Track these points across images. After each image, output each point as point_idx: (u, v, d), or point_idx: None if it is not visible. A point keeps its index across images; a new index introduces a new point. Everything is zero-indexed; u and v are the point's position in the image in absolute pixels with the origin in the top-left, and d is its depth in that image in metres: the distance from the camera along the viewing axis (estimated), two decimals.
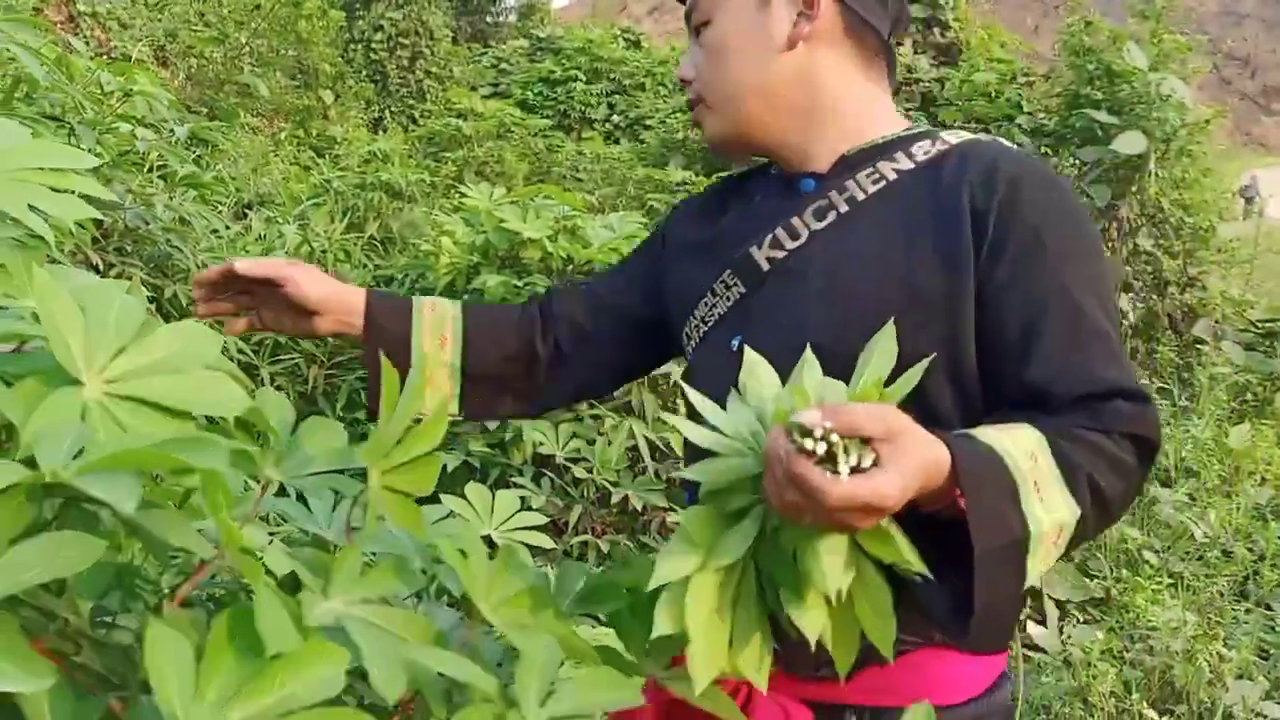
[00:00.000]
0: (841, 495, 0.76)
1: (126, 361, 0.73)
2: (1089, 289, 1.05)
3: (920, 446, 0.82)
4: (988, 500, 0.88)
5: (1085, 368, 1.01)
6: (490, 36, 20.08)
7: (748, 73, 1.17)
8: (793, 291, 1.14)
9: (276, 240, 3.77)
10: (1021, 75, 7.12)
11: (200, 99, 6.68)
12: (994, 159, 1.09)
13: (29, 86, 2.30)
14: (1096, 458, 0.96)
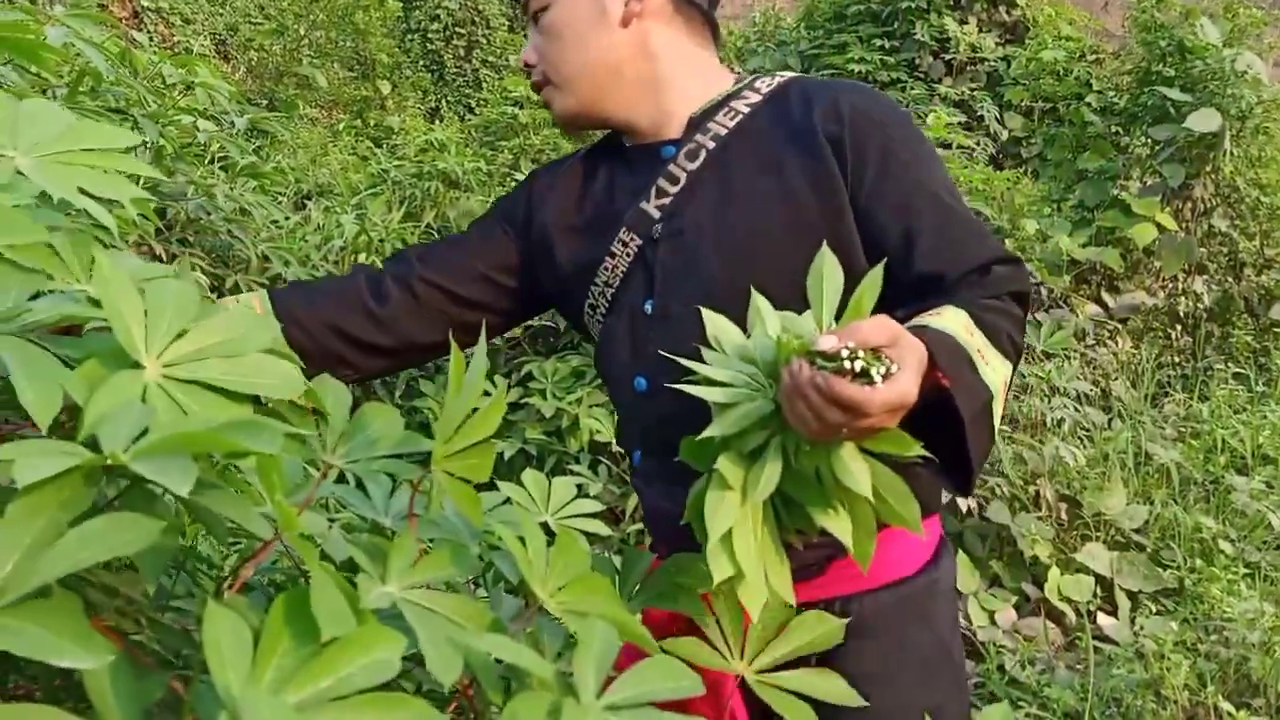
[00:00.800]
0: (884, 401, 0.86)
1: (184, 345, 0.74)
2: (939, 182, 1.21)
3: (915, 346, 0.94)
4: (964, 376, 1.02)
5: (963, 248, 1.16)
6: None
7: (588, 51, 1.26)
8: (688, 243, 1.24)
9: (335, 230, 3.80)
10: (1090, 52, 6.94)
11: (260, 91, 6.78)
12: (833, 91, 1.23)
13: (93, 80, 2.33)
14: (1005, 319, 1.11)
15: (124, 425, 0.63)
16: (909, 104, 7.96)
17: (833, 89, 1.24)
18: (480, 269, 1.38)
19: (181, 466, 0.58)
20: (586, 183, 1.39)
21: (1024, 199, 5.17)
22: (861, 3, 8.83)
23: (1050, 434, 3.77)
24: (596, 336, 1.38)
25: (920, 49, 8.23)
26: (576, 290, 1.36)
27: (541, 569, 0.87)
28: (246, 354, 0.77)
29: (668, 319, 1.25)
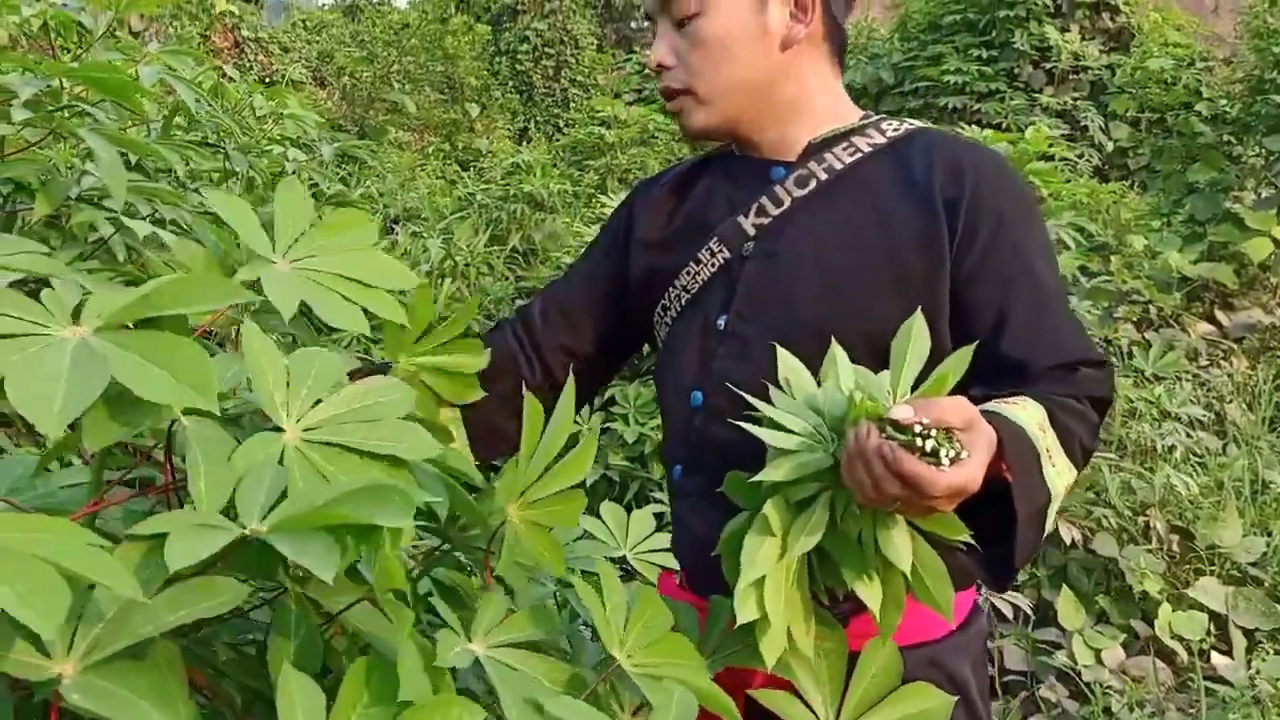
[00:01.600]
0: (948, 485, 0.87)
1: (323, 411, 0.76)
2: (1044, 270, 1.18)
3: (988, 434, 0.94)
4: (1027, 474, 1.01)
5: (1054, 341, 1.14)
6: (635, 42, 20.23)
7: (741, 68, 1.21)
8: (779, 269, 1.22)
9: (421, 255, 3.83)
10: (1200, 60, 6.66)
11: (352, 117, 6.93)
12: (956, 150, 1.21)
13: (185, 115, 2.37)
14: (1081, 423, 1.10)
15: (260, 490, 0.66)
16: (1009, 114, 7.75)
17: (959, 148, 1.22)
18: (602, 328, 1.39)
19: (324, 547, 0.59)
20: (684, 191, 1.38)
21: (1131, 213, 4.97)
22: (957, 12, 8.65)
23: (1161, 461, 3.60)
24: (661, 340, 1.37)
25: (1020, 58, 8.02)
26: (654, 291, 1.34)
27: (619, 627, 0.86)
28: (384, 420, 0.78)
29: (739, 339, 1.24)
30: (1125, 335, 4.16)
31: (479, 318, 3.66)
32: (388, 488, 0.63)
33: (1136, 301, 4.48)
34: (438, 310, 0.91)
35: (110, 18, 2.08)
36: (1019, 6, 8.09)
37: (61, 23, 1.97)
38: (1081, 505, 3.32)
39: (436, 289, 3.60)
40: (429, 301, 0.94)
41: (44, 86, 1.39)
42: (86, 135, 1.22)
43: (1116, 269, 4.38)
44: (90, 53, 2.04)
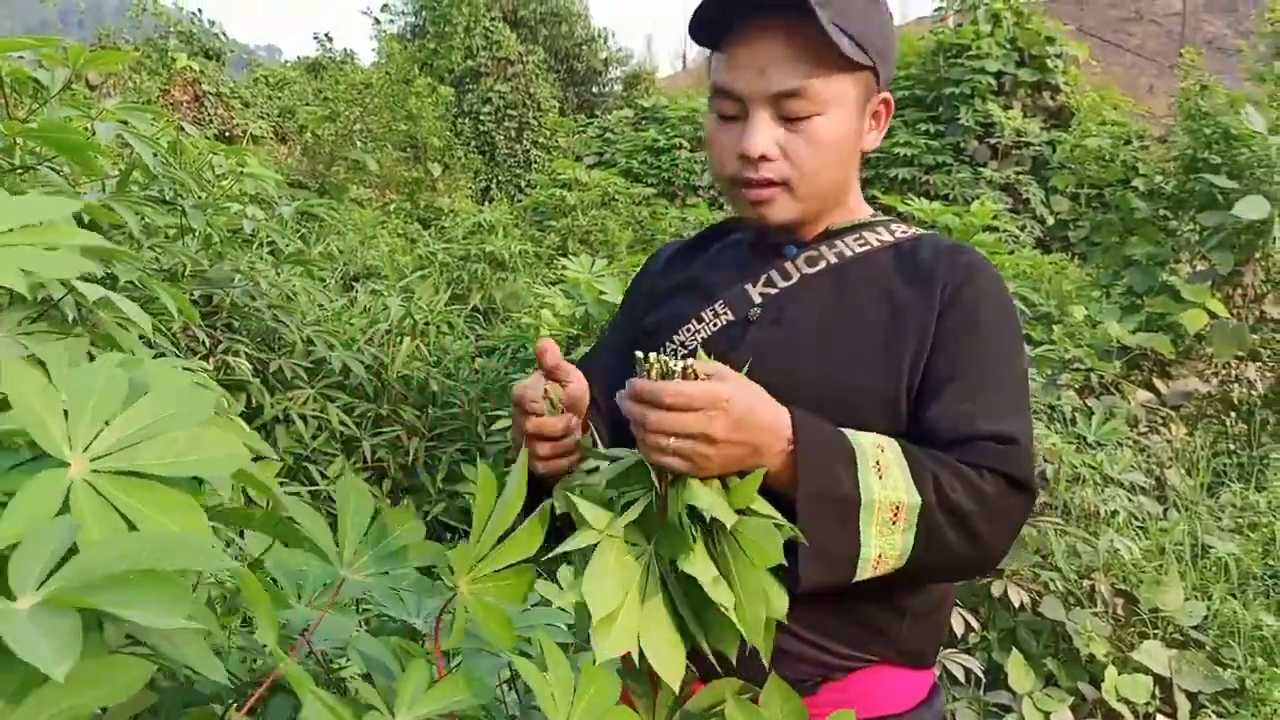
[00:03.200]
0: (674, 389, 0.93)
1: (113, 434, 0.69)
2: (1000, 362, 1.20)
3: (758, 390, 1.01)
4: (819, 454, 1.03)
5: (968, 416, 1.14)
6: (596, 106, 20.51)
7: (841, 171, 1.26)
8: (783, 334, 1.25)
9: (381, 313, 3.84)
10: (1136, 138, 6.92)
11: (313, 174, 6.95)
12: (962, 251, 1.27)
13: (143, 171, 2.38)
14: (946, 470, 1.07)
15: (40, 556, 0.57)
16: (955, 186, 7.96)
17: (965, 251, 1.27)
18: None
19: (69, 631, 0.52)
20: (696, 252, 1.44)
21: (1072, 284, 5.11)
22: (906, 88, 8.90)
23: (1105, 525, 3.65)
24: None
25: (965, 133, 8.26)
26: (653, 343, 1.33)
27: (565, 705, 0.84)
28: (180, 430, 0.71)
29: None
30: (1068, 401, 4.25)
31: (438, 376, 3.66)
32: (179, 540, 0.59)
33: (1078, 369, 4.58)
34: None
35: (67, 74, 2.10)
36: (964, 84, 8.36)
37: (17, 79, 1.99)
38: (1029, 569, 3.36)
39: (395, 349, 3.61)
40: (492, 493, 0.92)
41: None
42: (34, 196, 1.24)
43: (1059, 338, 4.49)
44: (46, 109, 2.05)
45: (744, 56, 1.19)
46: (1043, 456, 3.78)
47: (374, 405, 3.49)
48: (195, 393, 0.75)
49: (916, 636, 1.24)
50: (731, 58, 1.20)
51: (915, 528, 1.05)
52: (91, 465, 0.66)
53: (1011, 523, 1.13)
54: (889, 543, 1.05)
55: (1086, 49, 9.30)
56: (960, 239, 4.28)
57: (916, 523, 1.05)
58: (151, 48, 9.29)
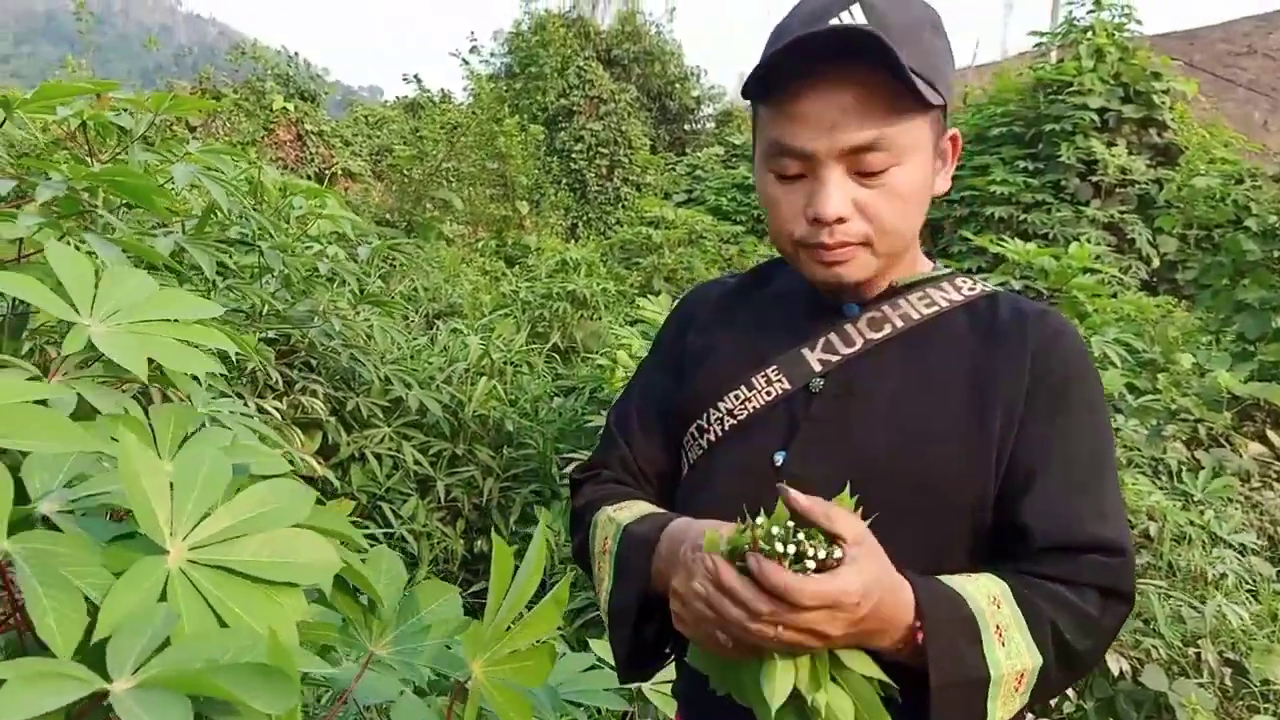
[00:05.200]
0: (813, 590, 0.83)
1: (213, 524, 0.70)
2: (1097, 451, 1.10)
3: (885, 565, 0.90)
4: (947, 636, 0.93)
5: (1067, 520, 1.04)
6: (688, 144, 20.59)
7: (917, 220, 1.13)
8: (853, 410, 1.14)
9: (460, 352, 3.84)
10: (1248, 176, 6.60)
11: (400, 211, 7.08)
12: (1055, 324, 1.15)
13: (222, 214, 2.40)
14: (1060, 609, 1.00)
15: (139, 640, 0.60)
16: (1055, 225, 7.70)
17: (1050, 315, 1.17)
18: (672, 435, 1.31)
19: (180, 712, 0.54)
20: (741, 304, 1.30)
21: (1179, 329, 4.86)
22: (1004, 125, 8.69)
23: (1212, 589, 3.44)
24: (690, 462, 1.26)
25: (1066, 171, 8.00)
26: (693, 408, 1.24)
27: None
28: (279, 529, 0.73)
29: (804, 480, 1.11)
30: (1174, 455, 4.03)
31: (513, 415, 3.64)
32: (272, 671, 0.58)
33: (1186, 420, 4.34)
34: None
35: (149, 119, 2.13)
36: (1065, 121, 8.11)
37: (100, 124, 2.02)
38: (1130, 635, 3.17)
39: (473, 387, 3.60)
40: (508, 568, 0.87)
41: (63, 190, 1.41)
42: (93, 240, 1.23)
43: (1165, 386, 4.27)
44: (128, 153, 2.08)
45: (809, 110, 1.05)
46: (1146, 514, 3.58)
47: (450, 444, 3.47)
48: (296, 490, 0.76)
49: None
50: (793, 111, 1.06)
51: (1035, 684, 1.00)
52: (189, 555, 0.67)
53: (1112, 637, 1.08)
54: (1009, 709, 0.99)
55: (1196, 85, 8.97)
56: (1057, 282, 4.11)
57: (1037, 681, 1.00)
58: (250, 90, 9.61)
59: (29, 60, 32.93)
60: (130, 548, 0.69)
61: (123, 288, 0.89)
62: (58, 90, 1.31)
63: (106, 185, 1.62)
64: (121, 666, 0.57)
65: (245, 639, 0.64)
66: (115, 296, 0.88)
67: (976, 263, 6.60)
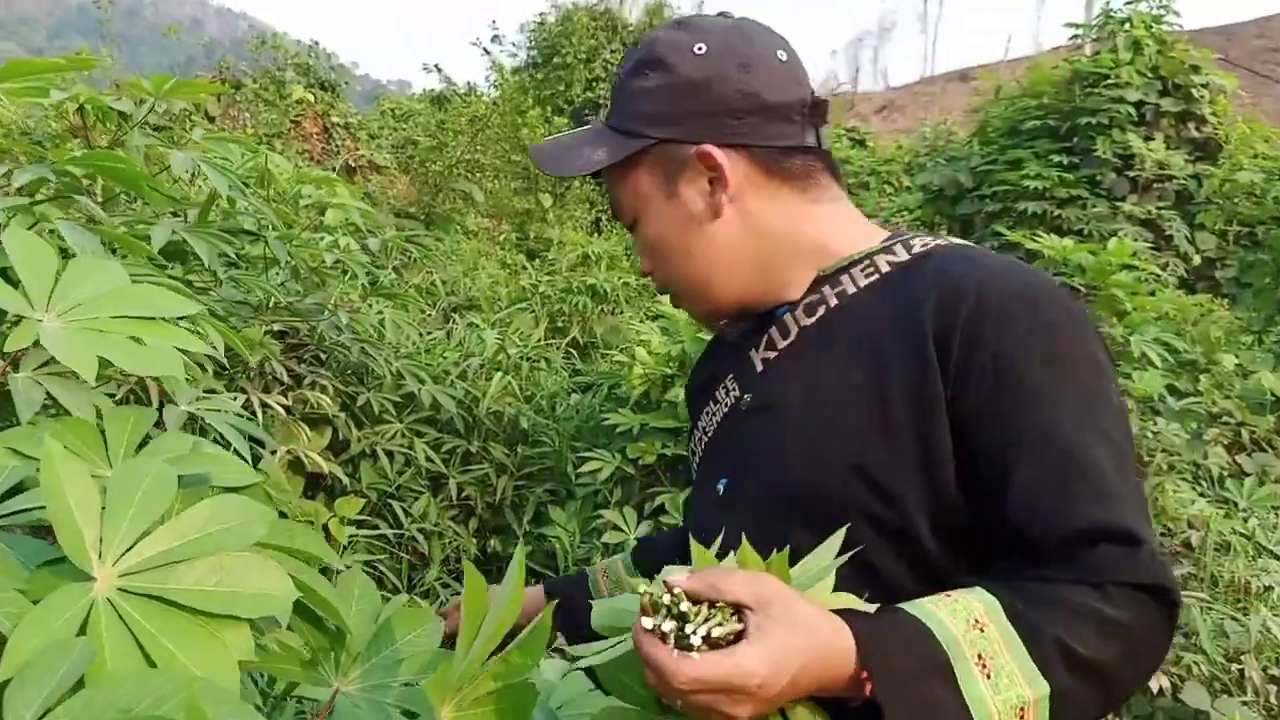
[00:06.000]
0: (691, 675, 0.71)
1: (150, 547, 0.61)
2: (1085, 417, 0.92)
3: (802, 622, 0.75)
4: (902, 682, 0.78)
5: (1064, 509, 0.89)
6: None
7: (694, 258, 1.12)
8: (770, 424, 1.08)
9: (475, 346, 3.75)
10: None
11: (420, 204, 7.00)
12: (961, 273, 1.00)
13: (229, 203, 2.32)
14: (1071, 619, 0.83)
15: (47, 682, 0.51)
16: (1090, 221, 7.52)
17: (965, 270, 1.01)
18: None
19: None
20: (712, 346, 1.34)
21: (1221, 329, 4.70)
22: (1038, 118, 8.51)
23: (1257, 602, 3.30)
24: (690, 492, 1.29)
25: (1102, 165, 7.81)
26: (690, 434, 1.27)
27: None
28: (229, 553, 0.64)
29: (737, 508, 1.07)
30: (1216, 460, 3.88)
31: (529, 412, 3.54)
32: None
33: (1228, 424, 4.19)
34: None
35: (150, 104, 2.04)
36: (1101, 114, 7.92)
37: (99, 109, 1.93)
38: (1172, 650, 3.04)
39: (486, 383, 3.51)
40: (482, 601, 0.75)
41: (45, 174, 1.32)
42: (66, 228, 1.14)
43: (1206, 389, 4.12)
44: (128, 139, 2.00)
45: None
46: (1187, 522, 3.43)
47: (463, 441, 3.38)
48: (251, 507, 0.67)
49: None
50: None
51: (1049, 714, 0.83)
52: (119, 582, 0.59)
53: (1160, 646, 0.89)
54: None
55: (1236, 79, 8.75)
56: (1095, 279, 3.96)
57: (1049, 710, 0.82)
58: (269, 79, 9.56)
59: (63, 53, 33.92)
60: (60, 573, 0.61)
61: (89, 280, 0.80)
62: (23, 69, 1.22)
63: (91, 170, 1.53)
64: (21, 714, 0.50)
65: (169, 683, 0.54)
66: (78, 290, 0.79)
67: None
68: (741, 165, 1.10)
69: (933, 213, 9.14)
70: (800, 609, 0.76)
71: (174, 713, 0.50)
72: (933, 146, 13.27)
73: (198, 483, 0.72)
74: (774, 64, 1.10)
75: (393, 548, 3.10)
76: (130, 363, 0.73)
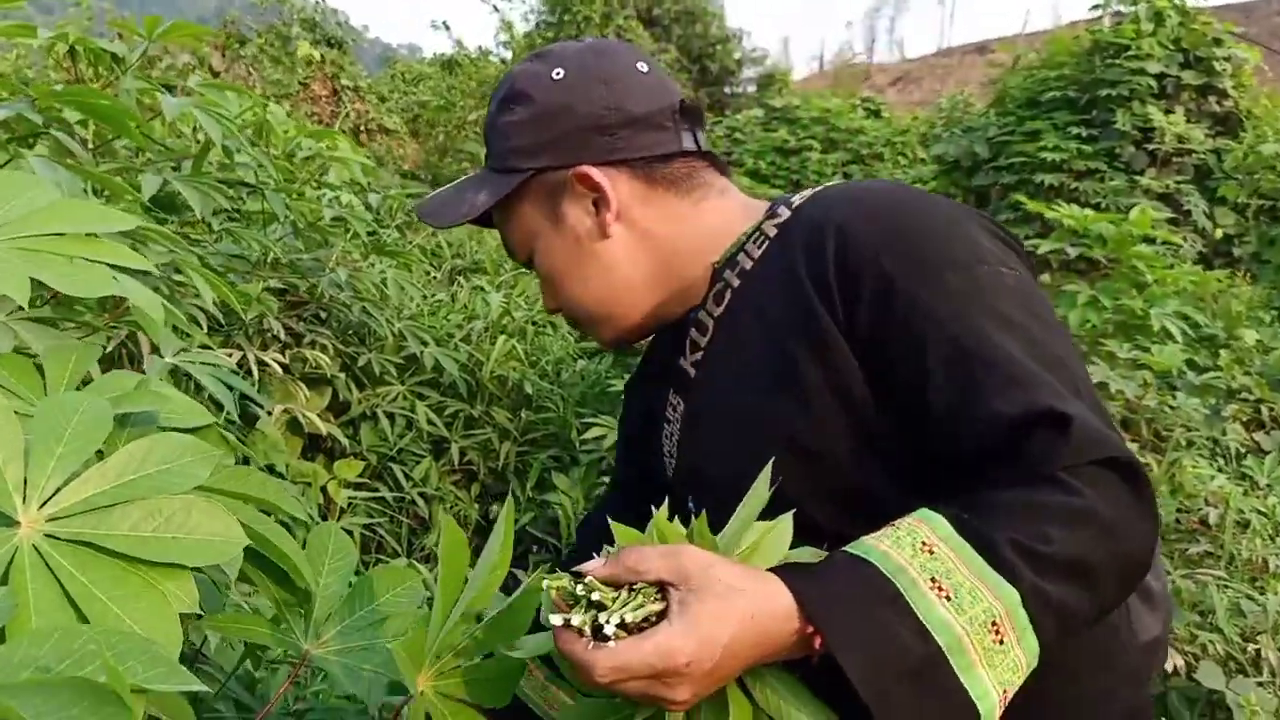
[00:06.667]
0: (611, 665, 0.67)
1: (81, 490, 0.55)
2: (967, 314, 0.87)
3: (725, 590, 0.72)
4: (853, 627, 0.73)
5: (978, 409, 0.83)
6: (728, 107, 20.26)
7: (589, 283, 1.12)
8: (710, 424, 1.06)
9: (480, 309, 3.68)
10: None
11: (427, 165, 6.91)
12: (821, 214, 0.98)
13: (224, 154, 2.25)
14: (1025, 518, 0.77)
15: None
16: (1108, 195, 7.40)
17: (825, 210, 0.99)
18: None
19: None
20: (656, 341, 1.28)
21: (1242, 304, 4.61)
22: (1057, 89, 8.37)
23: (1274, 581, 3.23)
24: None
25: (1121, 138, 7.68)
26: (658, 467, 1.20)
27: None
28: (171, 496, 0.57)
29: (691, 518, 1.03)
30: (1235, 436, 3.80)
31: (533, 377, 3.48)
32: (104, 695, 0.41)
33: (1246, 400, 4.11)
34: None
35: (143, 47, 1.96)
36: (1122, 86, 7.78)
37: (91, 52, 1.86)
38: (1186, 629, 2.98)
39: (490, 346, 3.44)
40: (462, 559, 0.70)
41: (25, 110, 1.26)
42: (37, 164, 1.06)
43: (1226, 364, 4.03)
44: (120, 83, 1.92)
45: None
46: (1205, 499, 3.36)
47: (466, 405, 3.32)
48: (195, 446, 0.60)
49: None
50: None
51: (1030, 623, 0.76)
52: (46, 528, 0.54)
53: (1137, 519, 0.81)
54: (1008, 666, 0.76)
55: (1259, 52, 8.58)
56: (1115, 250, 3.87)
57: (1029, 617, 0.76)
58: (275, 35, 9.43)
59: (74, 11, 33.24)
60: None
61: (18, 198, 0.73)
62: None
63: (73, 106, 1.46)
64: None
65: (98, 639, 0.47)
66: (6, 207, 0.72)
67: (1026, 231, 6.33)
68: (622, 180, 1.10)
69: (948, 184, 9.02)
70: (723, 575, 0.73)
71: (97, 674, 0.43)
72: (949, 118, 13.11)
73: (143, 423, 0.65)
74: (635, 76, 1.10)
75: (393, 511, 3.05)
76: (65, 284, 0.66)
